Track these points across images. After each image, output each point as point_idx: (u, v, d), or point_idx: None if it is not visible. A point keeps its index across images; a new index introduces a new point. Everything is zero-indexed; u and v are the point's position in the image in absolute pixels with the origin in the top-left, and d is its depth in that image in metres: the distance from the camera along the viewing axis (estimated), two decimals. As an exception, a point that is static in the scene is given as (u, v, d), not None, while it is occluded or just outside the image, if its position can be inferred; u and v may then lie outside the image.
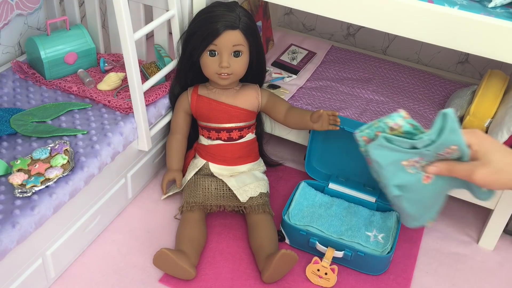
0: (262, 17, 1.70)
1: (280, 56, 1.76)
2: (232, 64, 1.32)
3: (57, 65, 1.43)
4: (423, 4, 1.18)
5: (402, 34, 1.23)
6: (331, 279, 1.24)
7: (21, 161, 1.15)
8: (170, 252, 1.18)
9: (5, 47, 1.49)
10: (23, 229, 1.04)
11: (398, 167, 0.97)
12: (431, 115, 1.56)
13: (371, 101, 1.60)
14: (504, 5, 1.21)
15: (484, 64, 1.79)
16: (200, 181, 1.38)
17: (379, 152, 0.96)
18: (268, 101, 1.42)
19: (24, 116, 1.29)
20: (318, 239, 1.28)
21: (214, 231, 1.37)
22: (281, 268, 1.21)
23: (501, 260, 1.37)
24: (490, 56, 1.17)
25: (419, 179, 0.98)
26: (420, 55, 1.86)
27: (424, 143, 0.93)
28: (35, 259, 1.13)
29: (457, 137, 0.93)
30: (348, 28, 1.94)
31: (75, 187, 1.15)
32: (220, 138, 1.41)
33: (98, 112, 1.35)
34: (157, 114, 1.41)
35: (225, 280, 1.25)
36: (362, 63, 1.78)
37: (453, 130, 0.92)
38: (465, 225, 1.47)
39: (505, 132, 1.32)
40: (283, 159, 1.63)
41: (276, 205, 1.45)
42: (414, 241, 1.40)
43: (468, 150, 0.93)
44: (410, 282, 1.28)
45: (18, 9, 1.44)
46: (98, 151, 1.22)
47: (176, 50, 1.42)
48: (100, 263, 1.27)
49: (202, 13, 1.34)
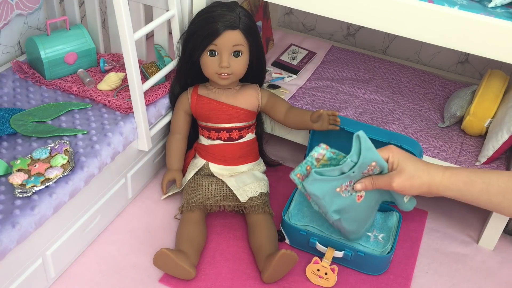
0: (262, 17, 1.70)
1: (280, 56, 1.76)
2: (232, 64, 1.32)
3: (57, 65, 1.43)
4: (423, 4, 1.18)
5: (402, 34, 1.23)
6: (331, 279, 1.24)
7: (21, 161, 1.15)
8: (170, 252, 1.18)
9: (5, 47, 1.49)
10: (23, 229, 1.04)
11: (333, 194, 1.12)
12: (431, 115, 1.56)
13: (371, 101, 1.60)
14: (504, 5, 1.21)
15: (484, 64, 1.79)
16: (200, 181, 1.38)
17: (314, 186, 1.10)
18: (268, 101, 1.42)
19: (24, 116, 1.29)
20: (318, 239, 1.28)
21: (214, 231, 1.37)
22: (281, 268, 1.21)
23: (501, 260, 1.37)
24: (490, 56, 1.17)
25: (353, 200, 1.14)
26: (420, 55, 1.86)
27: (349, 165, 1.10)
28: (35, 259, 1.13)
29: (373, 154, 1.09)
30: (348, 28, 1.94)
31: (75, 187, 1.15)
32: (220, 138, 1.41)
33: (98, 112, 1.35)
34: (157, 114, 1.41)
35: (225, 280, 1.25)
36: (362, 63, 1.78)
37: (368, 148, 1.09)
38: (465, 225, 1.47)
39: (505, 132, 1.32)
40: (283, 159, 1.63)
41: (276, 205, 1.45)
42: (414, 241, 1.40)
43: (386, 164, 1.09)
44: (410, 282, 1.28)
45: (18, 9, 1.44)
46: (98, 151, 1.22)
47: (176, 50, 1.42)
48: (100, 263, 1.27)
49: (202, 13, 1.34)
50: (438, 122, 1.54)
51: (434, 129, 1.51)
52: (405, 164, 1.06)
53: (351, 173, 1.10)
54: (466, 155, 1.41)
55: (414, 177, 1.05)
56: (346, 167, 1.10)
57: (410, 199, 1.17)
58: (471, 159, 1.40)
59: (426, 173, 1.04)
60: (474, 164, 1.38)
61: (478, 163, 1.38)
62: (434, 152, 1.41)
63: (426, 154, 1.40)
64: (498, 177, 0.98)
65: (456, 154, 1.41)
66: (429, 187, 1.04)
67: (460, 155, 1.41)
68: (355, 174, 1.11)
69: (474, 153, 1.43)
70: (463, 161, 1.39)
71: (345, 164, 1.10)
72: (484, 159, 1.37)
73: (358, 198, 1.15)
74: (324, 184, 1.11)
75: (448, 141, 1.46)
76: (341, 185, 1.12)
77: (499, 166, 1.38)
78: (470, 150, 1.43)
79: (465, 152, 1.43)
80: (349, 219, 1.17)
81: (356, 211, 1.16)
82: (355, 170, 1.10)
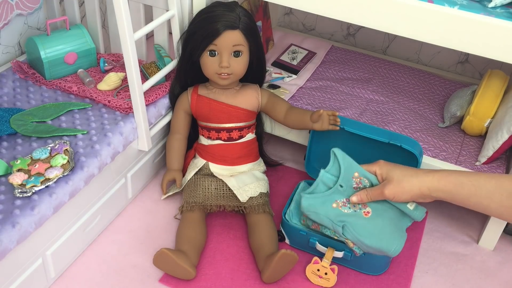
0: (262, 17, 1.70)
1: (280, 56, 1.76)
2: (232, 64, 1.32)
3: (57, 65, 1.43)
4: (423, 4, 1.18)
5: (402, 34, 1.23)
6: (331, 279, 1.24)
7: (21, 161, 1.15)
8: (170, 252, 1.18)
9: (5, 47, 1.49)
10: (23, 229, 1.04)
11: (330, 209, 1.19)
12: (431, 115, 1.56)
13: (371, 101, 1.60)
14: (504, 5, 1.21)
15: (484, 64, 1.79)
16: (200, 181, 1.38)
17: (307, 202, 1.20)
18: (268, 101, 1.42)
19: (24, 116, 1.29)
20: (318, 239, 1.28)
21: (214, 231, 1.37)
22: (281, 268, 1.21)
23: (501, 260, 1.37)
24: (490, 56, 1.16)
25: (360, 215, 1.18)
26: (420, 55, 1.86)
27: (331, 179, 1.21)
28: (35, 259, 1.13)
29: (353, 165, 1.19)
30: (348, 28, 1.94)
31: (75, 187, 1.15)
32: (220, 138, 1.41)
33: (98, 112, 1.35)
34: (157, 114, 1.41)
35: (225, 280, 1.25)
36: (362, 63, 1.78)
37: (346, 161, 1.19)
38: (465, 225, 1.47)
39: (505, 132, 1.32)
40: (283, 159, 1.63)
41: (276, 205, 1.45)
42: (414, 241, 1.40)
43: (373, 175, 1.16)
44: (410, 282, 1.28)
45: (18, 9, 1.44)
46: (98, 151, 1.22)
47: (176, 50, 1.42)
48: (100, 263, 1.27)
49: (202, 13, 1.34)
50: (438, 122, 1.54)
51: (434, 129, 1.51)
52: (393, 173, 1.11)
53: (339, 187, 1.19)
54: (466, 155, 1.41)
55: (403, 181, 1.09)
56: (329, 182, 1.21)
57: (416, 207, 1.17)
58: (471, 159, 1.40)
59: (415, 177, 1.07)
60: (474, 164, 1.38)
61: (478, 163, 1.38)
62: (434, 152, 1.41)
63: (426, 154, 1.40)
64: (486, 180, 1.00)
65: (456, 154, 1.41)
66: (419, 189, 1.06)
67: (460, 155, 1.41)
68: (345, 188, 1.19)
69: (474, 153, 1.43)
70: (463, 161, 1.39)
71: (326, 179, 1.21)
72: (484, 159, 1.37)
73: (366, 214, 1.18)
74: (316, 200, 1.20)
75: (448, 141, 1.46)
76: (337, 201, 1.20)
77: (499, 166, 1.38)
78: (470, 150, 1.43)
79: (465, 152, 1.43)
80: (364, 234, 1.16)
81: (369, 226, 1.16)
82: (342, 184, 1.19)
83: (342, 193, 1.19)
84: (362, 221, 1.17)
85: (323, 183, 1.22)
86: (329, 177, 1.21)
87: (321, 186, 1.22)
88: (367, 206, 1.19)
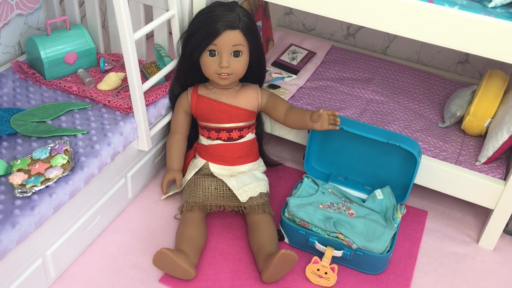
0: (262, 17, 1.70)
1: (280, 56, 1.76)
2: (232, 64, 1.32)
3: (57, 65, 1.43)
4: (423, 4, 1.18)
5: (402, 34, 1.23)
6: (331, 279, 1.24)
7: (21, 161, 1.15)
8: (170, 252, 1.18)
9: (5, 47, 1.49)
10: (23, 229, 1.04)
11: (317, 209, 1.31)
12: (431, 115, 1.56)
13: (371, 101, 1.60)
14: (504, 5, 1.21)
15: (484, 64, 1.79)
16: (200, 181, 1.38)
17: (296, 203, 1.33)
18: (268, 101, 1.42)
19: (24, 116, 1.29)
20: (317, 238, 1.28)
21: (214, 231, 1.37)
22: (281, 268, 1.21)
23: (501, 260, 1.37)
24: (490, 56, 1.16)
25: (345, 215, 1.30)
26: (420, 55, 1.86)
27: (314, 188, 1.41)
28: (35, 259, 1.13)
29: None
30: (348, 28, 1.94)
31: (75, 187, 1.15)
32: (220, 138, 1.41)
33: (98, 112, 1.35)
34: (157, 114, 1.41)
35: (225, 280, 1.25)
36: (362, 63, 1.78)
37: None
38: (465, 225, 1.47)
39: (505, 131, 1.32)
40: (283, 159, 1.63)
41: (276, 205, 1.45)
42: (414, 241, 1.40)
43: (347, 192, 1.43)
44: (410, 282, 1.28)
45: (18, 9, 1.44)
46: (98, 151, 1.22)
47: (176, 50, 1.42)
48: (100, 263, 1.27)
49: (202, 13, 1.34)
50: (438, 122, 1.54)
51: (434, 129, 1.51)
52: None
53: (321, 193, 1.38)
54: (466, 155, 1.41)
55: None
56: (312, 190, 1.41)
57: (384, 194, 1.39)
58: (471, 159, 1.40)
59: None
60: (474, 164, 1.38)
61: (478, 163, 1.38)
62: (434, 152, 1.41)
63: (426, 154, 1.40)
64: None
65: (456, 154, 1.41)
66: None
67: (460, 155, 1.41)
68: (326, 194, 1.38)
69: (474, 153, 1.43)
70: (463, 161, 1.39)
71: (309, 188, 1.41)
72: (484, 159, 1.37)
73: (350, 215, 1.32)
74: (303, 201, 1.35)
75: (448, 141, 1.46)
76: (322, 204, 1.34)
77: (499, 166, 1.38)
78: (470, 150, 1.43)
79: (465, 152, 1.43)
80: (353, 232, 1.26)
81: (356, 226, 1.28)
82: (323, 191, 1.39)
83: (326, 197, 1.36)
84: (347, 219, 1.28)
85: (306, 192, 1.40)
86: (311, 185, 1.41)
87: (305, 191, 1.40)
88: (350, 209, 1.33)
